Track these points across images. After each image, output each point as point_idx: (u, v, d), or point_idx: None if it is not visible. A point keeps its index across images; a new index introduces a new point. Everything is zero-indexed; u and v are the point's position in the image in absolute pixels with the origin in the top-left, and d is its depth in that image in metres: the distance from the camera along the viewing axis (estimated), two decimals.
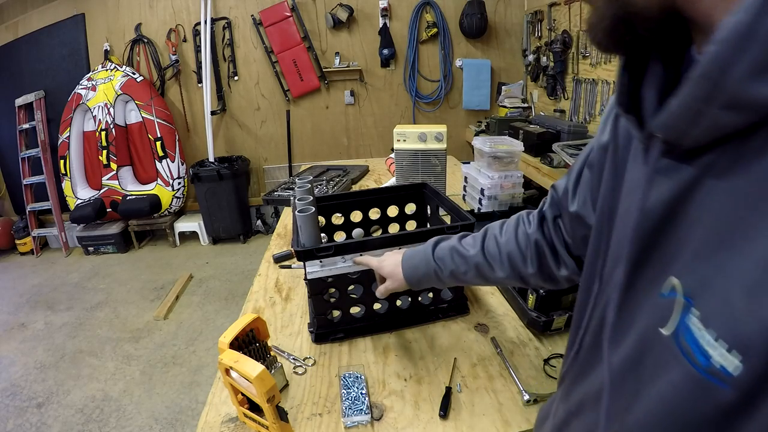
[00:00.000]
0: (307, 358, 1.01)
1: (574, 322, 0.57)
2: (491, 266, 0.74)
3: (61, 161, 3.87)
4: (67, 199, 3.92)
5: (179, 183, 3.94)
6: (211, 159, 3.92)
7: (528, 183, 2.70)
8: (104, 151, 3.82)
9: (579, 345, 0.53)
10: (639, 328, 0.40)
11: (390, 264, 0.86)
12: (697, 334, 0.32)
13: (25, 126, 3.90)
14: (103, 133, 3.79)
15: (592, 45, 0.41)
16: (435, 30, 3.94)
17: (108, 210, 3.85)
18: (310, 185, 1.20)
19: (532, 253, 0.70)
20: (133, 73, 3.79)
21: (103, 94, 3.74)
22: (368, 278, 1.03)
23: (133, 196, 3.83)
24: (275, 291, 1.32)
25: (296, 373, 0.97)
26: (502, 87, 4.00)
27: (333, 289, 1.04)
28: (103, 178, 3.87)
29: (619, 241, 0.45)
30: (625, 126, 0.49)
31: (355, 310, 1.08)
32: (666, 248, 0.38)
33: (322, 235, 1.32)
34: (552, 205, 0.69)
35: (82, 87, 3.79)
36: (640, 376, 0.39)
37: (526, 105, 3.91)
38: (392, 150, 1.98)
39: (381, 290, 0.88)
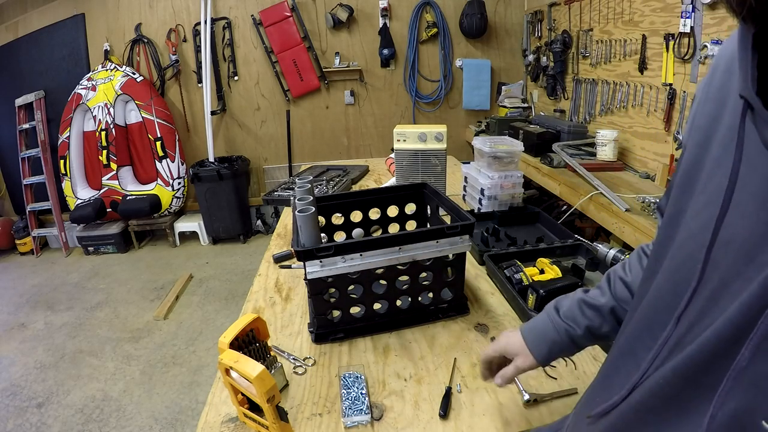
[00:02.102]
0: (307, 358, 1.01)
1: (617, 354, 0.51)
2: (626, 310, 0.63)
3: (61, 161, 3.87)
4: (67, 199, 3.92)
5: (179, 183, 3.94)
6: (211, 159, 3.92)
7: (528, 183, 2.70)
8: (104, 151, 3.82)
9: (630, 391, 0.43)
10: (732, 406, 0.31)
11: (515, 342, 0.72)
12: None
13: (25, 126, 3.91)
14: (103, 133, 3.79)
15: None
16: (435, 30, 3.94)
17: (108, 210, 3.86)
18: (310, 185, 1.20)
19: None
20: (133, 73, 3.79)
21: (103, 94, 3.74)
22: (368, 278, 1.03)
23: (133, 196, 3.84)
24: (275, 291, 1.32)
25: (296, 373, 0.97)
26: (502, 87, 4.00)
27: (333, 289, 1.04)
28: (103, 178, 3.87)
29: (737, 282, 0.34)
30: (701, 129, 0.41)
31: (355, 310, 1.08)
32: None
33: (322, 235, 1.32)
34: None
35: (82, 87, 3.79)
36: None
37: (526, 105, 3.92)
38: (392, 150, 1.98)
39: (507, 374, 0.70)
